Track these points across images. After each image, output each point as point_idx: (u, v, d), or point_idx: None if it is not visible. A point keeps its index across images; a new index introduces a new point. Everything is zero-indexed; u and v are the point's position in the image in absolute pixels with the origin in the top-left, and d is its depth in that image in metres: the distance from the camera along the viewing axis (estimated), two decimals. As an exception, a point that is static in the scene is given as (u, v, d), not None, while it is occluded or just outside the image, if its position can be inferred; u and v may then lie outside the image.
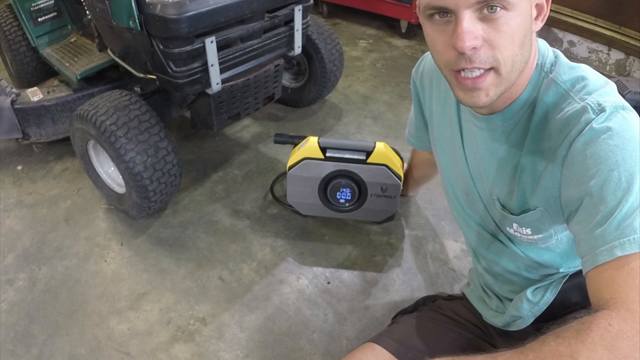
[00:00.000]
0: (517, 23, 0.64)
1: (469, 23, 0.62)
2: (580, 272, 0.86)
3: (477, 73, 0.66)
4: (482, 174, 0.87)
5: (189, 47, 1.43)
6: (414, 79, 1.05)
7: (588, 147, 0.64)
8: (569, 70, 0.73)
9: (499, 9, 0.62)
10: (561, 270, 0.87)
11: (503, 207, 0.83)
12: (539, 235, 0.80)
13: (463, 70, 0.67)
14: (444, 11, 0.65)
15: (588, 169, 0.63)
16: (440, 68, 0.72)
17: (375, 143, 1.52)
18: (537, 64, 0.74)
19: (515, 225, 0.82)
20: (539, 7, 0.69)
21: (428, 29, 0.69)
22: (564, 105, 0.70)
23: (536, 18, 0.69)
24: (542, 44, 0.76)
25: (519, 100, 0.75)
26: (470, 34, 0.62)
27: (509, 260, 0.91)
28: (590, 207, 0.62)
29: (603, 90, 0.68)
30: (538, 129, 0.74)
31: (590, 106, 0.66)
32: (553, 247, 0.83)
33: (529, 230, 0.81)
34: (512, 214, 0.82)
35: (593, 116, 0.65)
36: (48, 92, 1.94)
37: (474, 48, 0.64)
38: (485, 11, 0.62)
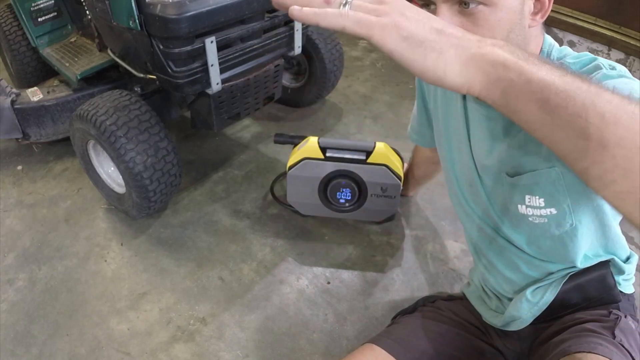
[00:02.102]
0: (498, 18, 0.65)
1: (444, 15, 0.66)
2: (579, 272, 0.87)
3: None
4: (486, 163, 0.87)
5: (189, 47, 1.43)
6: None
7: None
8: (578, 56, 0.75)
9: (473, 5, 0.64)
10: (561, 268, 0.87)
11: (512, 177, 0.82)
12: (552, 210, 0.79)
13: None
14: (427, 3, 0.69)
15: None
16: None
17: (375, 143, 1.52)
18: (541, 51, 0.76)
19: (527, 197, 0.80)
20: (540, 2, 0.69)
21: None
22: None
23: (535, 14, 0.70)
24: (549, 39, 0.78)
25: None
26: None
27: (511, 257, 0.91)
28: None
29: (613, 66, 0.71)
30: None
31: (602, 64, 0.69)
32: (565, 235, 0.81)
33: (542, 201, 0.79)
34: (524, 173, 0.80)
35: (605, 70, 0.68)
36: (48, 92, 1.94)
37: None
38: (462, 5, 0.65)
